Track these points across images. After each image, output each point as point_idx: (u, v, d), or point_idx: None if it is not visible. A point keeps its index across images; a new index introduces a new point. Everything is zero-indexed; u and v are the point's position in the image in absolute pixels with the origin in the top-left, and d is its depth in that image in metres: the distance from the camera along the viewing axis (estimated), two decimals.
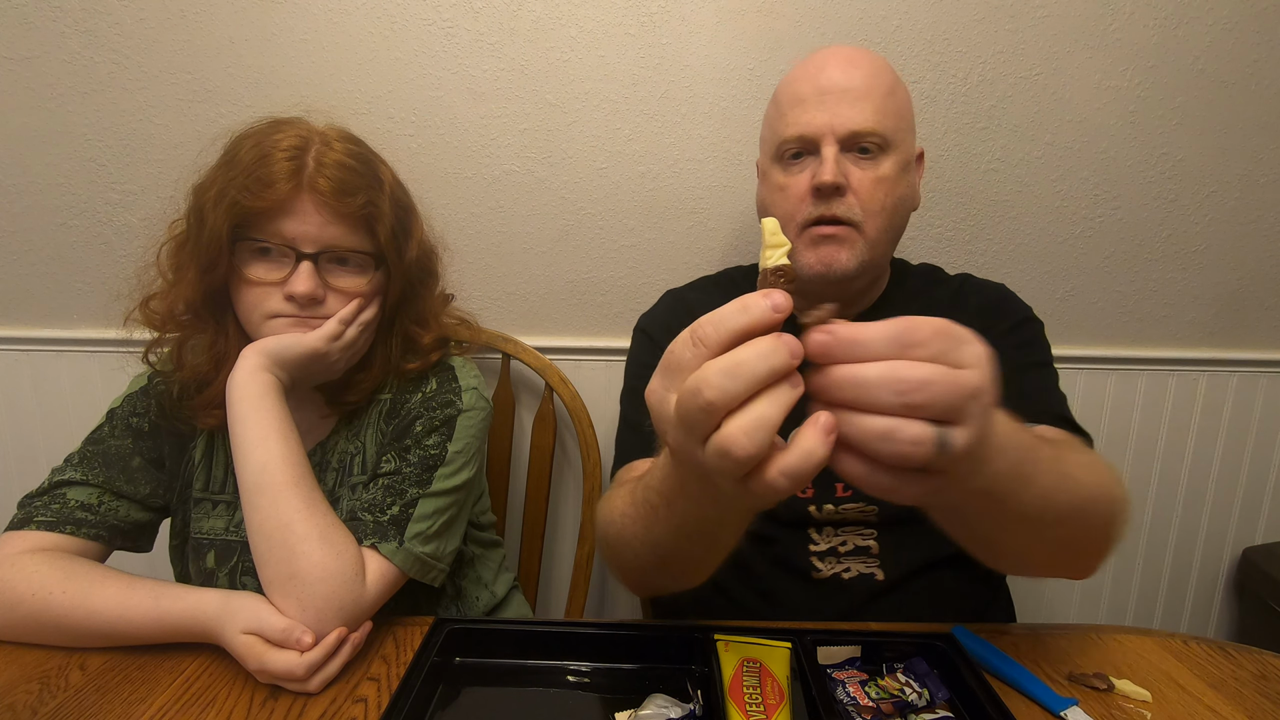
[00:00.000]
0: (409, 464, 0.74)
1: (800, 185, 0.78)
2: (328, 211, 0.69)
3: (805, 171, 0.78)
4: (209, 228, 0.68)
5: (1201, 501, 1.32)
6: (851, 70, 0.76)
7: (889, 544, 0.79)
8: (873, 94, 0.76)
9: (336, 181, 0.69)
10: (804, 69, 0.79)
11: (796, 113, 0.77)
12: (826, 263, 0.77)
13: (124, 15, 1.05)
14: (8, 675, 0.61)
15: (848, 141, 0.76)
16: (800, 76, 0.79)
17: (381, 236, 0.73)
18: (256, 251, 0.70)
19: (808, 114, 0.76)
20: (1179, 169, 1.16)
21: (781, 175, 0.80)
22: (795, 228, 0.78)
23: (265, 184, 0.67)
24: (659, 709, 0.55)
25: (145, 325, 0.75)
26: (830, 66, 0.77)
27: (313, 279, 0.70)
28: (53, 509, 0.71)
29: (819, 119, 0.76)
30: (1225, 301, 1.24)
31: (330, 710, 0.58)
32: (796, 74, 0.80)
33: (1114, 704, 0.60)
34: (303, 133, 0.71)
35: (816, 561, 0.79)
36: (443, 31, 1.07)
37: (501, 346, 1.12)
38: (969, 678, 0.59)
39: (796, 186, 0.78)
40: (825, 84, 0.76)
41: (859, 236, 0.77)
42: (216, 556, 0.76)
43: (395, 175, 0.78)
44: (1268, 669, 0.66)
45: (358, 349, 0.76)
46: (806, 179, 0.77)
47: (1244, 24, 1.10)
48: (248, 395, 0.67)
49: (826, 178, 0.74)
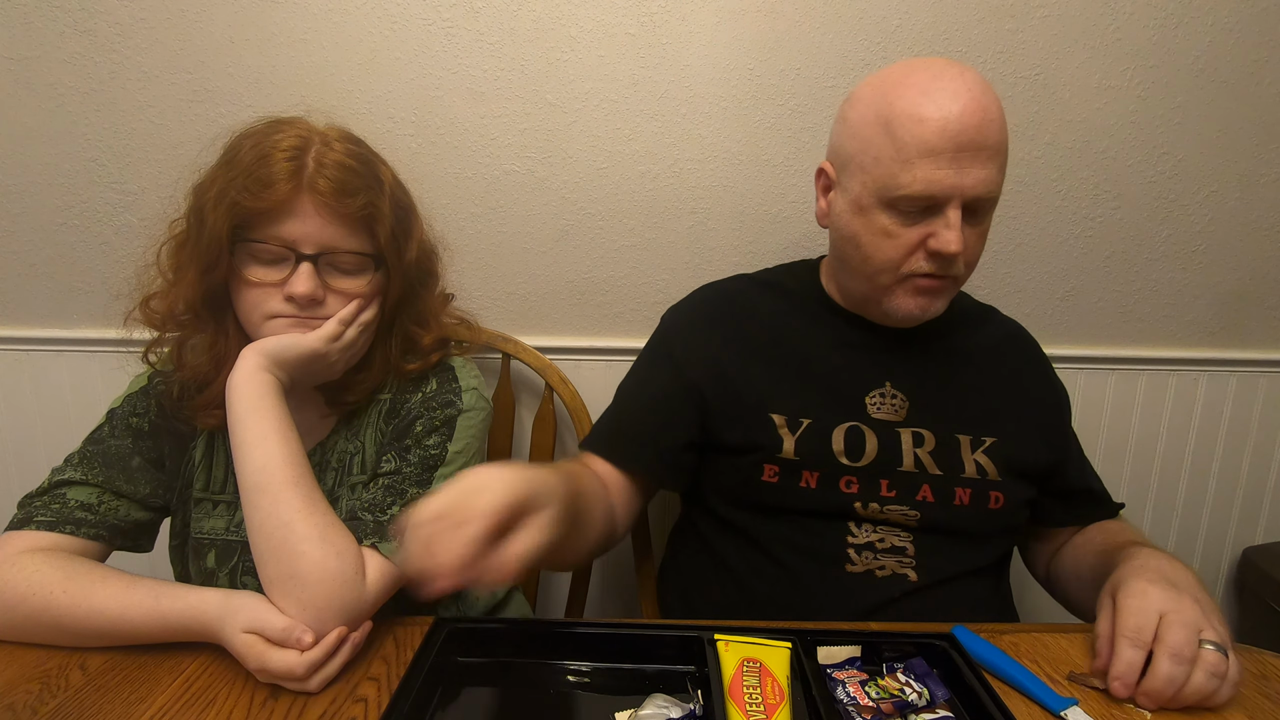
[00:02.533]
0: (409, 464, 0.74)
1: (913, 238, 0.74)
2: (327, 212, 0.69)
3: (921, 227, 0.73)
4: (209, 228, 0.68)
5: (1201, 501, 1.32)
6: (986, 123, 0.69)
7: (926, 548, 0.79)
8: (1002, 151, 0.72)
9: (336, 182, 0.69)
10: (932, 105, 0.70)
11: (927, 167, 0.70)
12: (924, 309, 0.77)
13: (124, 15, 1.05)
14: (8, 675, 0.61)
15: (971, 204, 0.72)
16: (931, 117, 0.69)
17: (381, 237, 0.73)
18: (256, 252, 0.70)
19: (940, 172, 0.70)
20: (1179, 169, 1.16)
21: (890, 221, 0.74)
22: (894, 274, 0.76)
23: (265, 185, 0.67)
24: (659, 709, 0.55)
25: (145, 325, 0.75)
26: (966, 114, 0.69)
27: (312, 280, 0.70)
28: (53, 509, 0.71)
29: (949, 180, 0.70)
30: (1225, 301, 1.24)
31: (330, 710, 0.58)
32: (923, 109, 0.70)
33: (1114, 704, 0.60)
34: (303, 133, 0.71)
35: (853, 554, 0.79)
36: (443, 31, 1.07)
37: (501, 346, 1.12)
38: (969, 678, 0.59)
39: (908, 237, 0.74)
40: (962, 139, 0.69)
41: (955, 288, 0.79)
42: (217, 556, 0.76)
43: (395, 175, 0.78)
44: (1268, 669, 0.66)
45: (357, 350, 0.76)
46: (921, 235, 0.73)
47: (1244, 24, 1.10)
48: (247, 395, 0.67)
49: (954, 249, 0.71)
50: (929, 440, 0.81)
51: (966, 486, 0.80)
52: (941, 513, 0.79)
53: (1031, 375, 0.90)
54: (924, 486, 0.79)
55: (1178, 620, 0.59)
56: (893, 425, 0.81)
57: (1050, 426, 0.87)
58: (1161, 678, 0.58)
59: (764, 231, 1.16)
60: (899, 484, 0.79)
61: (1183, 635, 0.59)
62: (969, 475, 0.80)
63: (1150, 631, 0.60)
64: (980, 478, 0.80)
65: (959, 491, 0.80)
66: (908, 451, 0.80)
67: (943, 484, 0.80)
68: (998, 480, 0.81)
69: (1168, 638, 0.59)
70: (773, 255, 1.17)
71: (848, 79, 1.09)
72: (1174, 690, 0.58)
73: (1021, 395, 0.86)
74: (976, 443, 0.82)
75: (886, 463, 0.80)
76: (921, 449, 0.80)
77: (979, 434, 0.82)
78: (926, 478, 0.80)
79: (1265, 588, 1.24)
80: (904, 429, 0.81)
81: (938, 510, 0.79)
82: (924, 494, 0.79)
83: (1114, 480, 1.28)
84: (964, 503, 0.80)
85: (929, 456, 0.80)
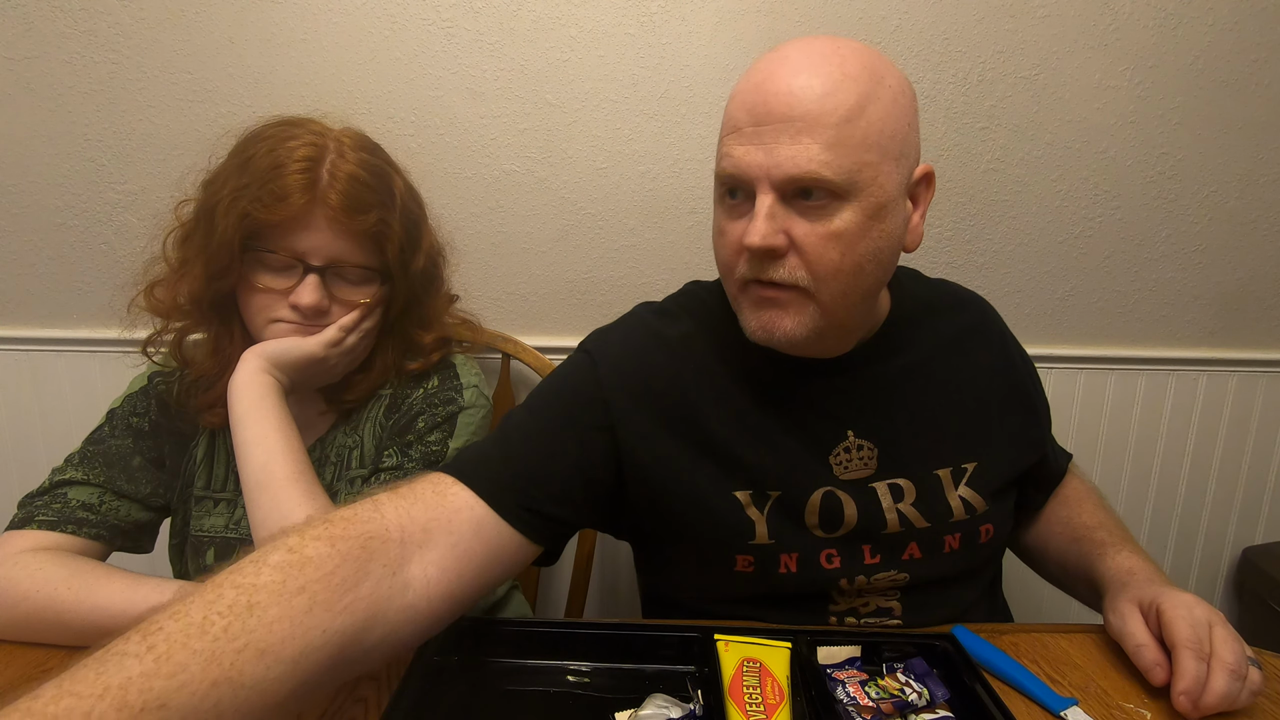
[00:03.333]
0: (411, 459, 0.74)
1: (737, 233, 0.61)
2: (338, 227, 0.70)
3: (744, 219, 0.61)
4: (219, 234, 0.68)
5: (1201, 501, 1.32)
6: (799, 90, 0.57)
7: (913, 604, 0.72)
8: (823, 123, 0.56)
9: (350, 197, 0.69)
10: (751, 76, 0.61)
11: (731, 143, 0.60)
12: (768, 329, 0.63)
13: (124, 15, 1.05)
14: (8, 675, 0.61)
15: (786, 187, 0.58)
16: (745, 88, 0.60)
17: (390, 253, 0.73)
18: (266, 260, 0.70)
19: (741, 147, 0.59)
20: (1179, 169, 1.16)
21: (722, 217, 0.64)
22: (735, 284, 0.64)
23: (279, 197, 0.67)
24: (659, 709, 0.55)
25: (148, 311, 0.75)
26: (772, 81, 0.58)
27: (318, 291, 0.70)
28: (54, 508, 0.71)
29: (752, 157, 0.58)
30: (1225, 301, 1.24)
31: (330, 710, 0.58)
32: (743, 82, 0.61)
33: (1114, 704, 0.60)
34: (317, 139, 0.71)
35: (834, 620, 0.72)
36: (443, 31, 1.07)
37: (502, 346, 1.12)
38: (969, 678, 0.59)
39: (733, 234, 0.62)
40: (766, 108, 0.58)
41: (808, 301, 0.62)
42: (216, 554, 0.76)
43: (408, 183, 0.78)
44: (1268, 669, 0.66)
45: (358, 354, 0.77)
46: (742, 228, 0.60)
47: (1244, 24, 1.10)
48: (248, 396, 0.68)
49: (755, 240, 0.58)
50: (909, 491, 0.70)
51: (955, 531, 0.71)
52: (931, 567, 0.71)
53: (997, 369, 0.78)
54: (911, 545, 0.70)
55: (1229, 633, 0.59)
56: (865, 483, 0.70)
57: (1028, 420, 0.78)
58: (1219, 693, 0.56)
59: None
60: (883, 548, 0.70)
61: (1239, 650, 0.58)
62: (957, 519, 0.71)
63: (1208, 644, 0.58)
64: (969, 516, 0.71)
65: (948, 540, 0.71)
66: (889, 509, 0.69)
67: (931, 535, 0.70)
68: (985, 511, 0.72)
69: (1224, 653, 0.57)
70: None
71: None
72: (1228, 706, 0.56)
73: (992, 399, 0.75)
74: (958, 474, 0.72)
75: (867, 529, 0.69)
76: (903, 503, 0.70)
77: (959, 463, 0.72)
78: (914, 534, 0.70)
79: (1265, 588, 1.24)
80: (878, 483, 0.70)
81: (926, 565, 0.71)
82: (910, 552, 0.70)
83: (1114, 480, 1.29)
84: (954, 548, 0.71)
85: (912, 509, 0.70)
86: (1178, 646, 0.58)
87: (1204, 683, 0.56)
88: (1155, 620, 0.62)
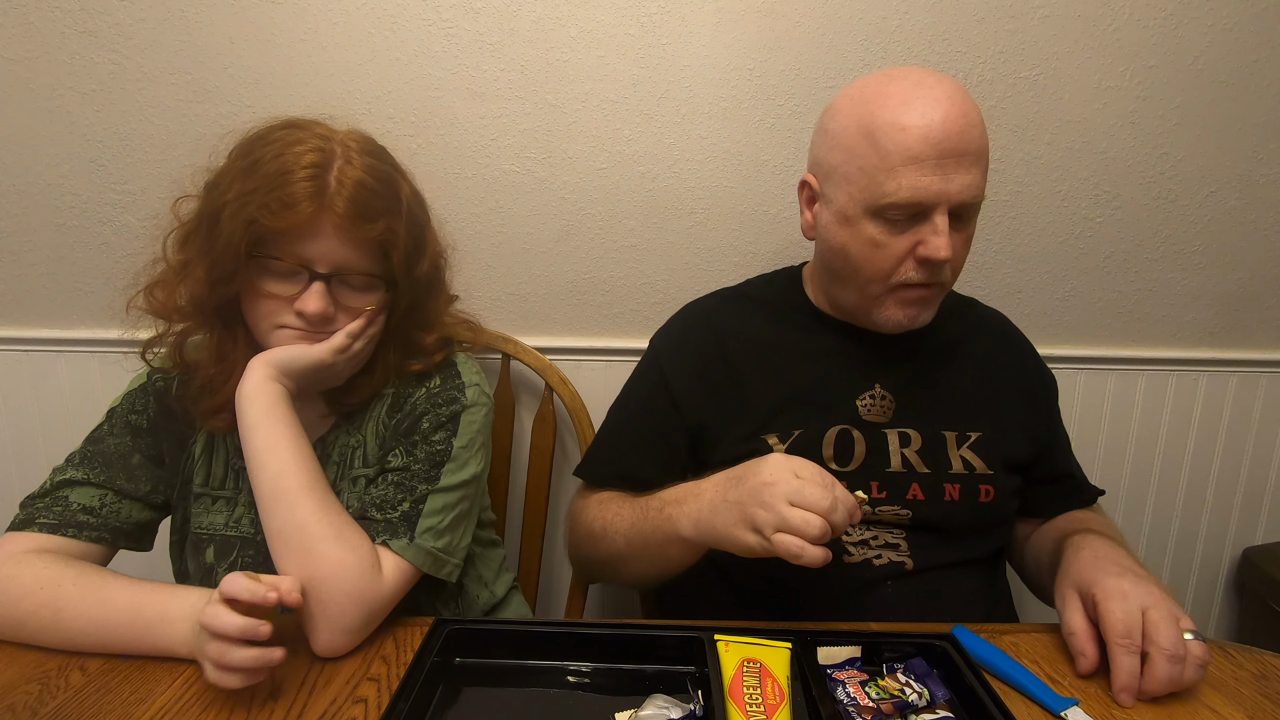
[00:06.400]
0: (417, 460, 0.74)
1: (901, 247, 0.74)
2: (344, 235, 0.70)
3: (909, 235, 0.73)
4: (224, 239, 0.68)
5: (1201, 501, 1.32)
6: (968, 128, 0.70)
7: (919, 543, 0.80)
8: (984, 156, 0.73)
9: (357, 205, 0.69)
10: (914, 113, 0.70)
11: (911, 175, 0.70)
12: (913, 319, 0.78)
13: (124, 15, 1.05)
14: (8, 675, 0.61)
15: (956, 210, 0.72)
16: (914, 125, 0.70)
17: (395, 260, 0.73)
18: (271, 267, 0.70)
19: (925, 179, 0.70)
20: (1179, 169, 1.16)
21: (878, 231, 0.74)
22: (885, 284, 0.76)
23: (286, 205, 0.66)
24: (659, 709, 0.55)
25: (148, 312, 0.75)
26: (948, 120, 0.70)
27: (324, 299, 0.70)
28: (55, 511, 0.71)
29: (935, 186, 0.70)
30: (1225, 301, 1.24)
31: (330, 710, 0.58)
32: (906, 117, 0.70)
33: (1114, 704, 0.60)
34: (323, 144, 0.70)
35: (850, 548, 0.80)
36: (443, 31, 1.07)
37: (502, 347, 1.12)
38: (969, 678, 0.59)
39: (897, 247, 0.74)
40: (945, 145, 0.69)
41: (940, 294, 0.79)
42: (216, 551, 0.76)
43: (414, 187, 0.78)
44: (1268, 669, 0.66)
45: (362, 358, 0.77)
46: (909, 243, 0.73)
47: (1244, 24, 1.10)
48: (258, 405, 0.68)
49: (943, 255, 0.71)
50: (915, 439, 0.82)
51: (955, 482, 0.81)
52: (932, 510, 0.80)
53: (1013, 366, 0.90)
54: (913, 485, 0.80)
55: (1162, 616, 0.60)
56: (879, 427, 0.82)
57: (1033, 417, 0.88)
58: (1161, 680, 0.58)
59: (763, 232, 1.16)
60: (888, 484, 0.80)
61: (1174, 632, 0.59)
62: (956, 471, 0.81)
63: (1140, 633, 0.60)
64: (968, 473, 0.81)
65: (948, 488, 0.81)
66: (894, 452, 0.81)
67: (932, 481, 0.81)
68: (987, 474, 0.82)
69: (1160, 638, 0.59)
70: (771, 255, 1.17)
71: (847, 80, 1.09)
72: (1174, 688, 0.59)
73: (1003, 388, 0.87)
74: (962, 438, 0.83)
75: (874, 465, 0.81)
76: (908, 449, 0.81)
77: (964, 430, 0.83)
78: (915, 476, 0.81)
79: (1265, 588, 1.24)
80: (890, 430, 0.82)
81: (928, 507, 0.80)
82: (914, 492, 0.80)
83: (1114, 480, 1.28)
84: (954, 498, 0.81)
85: (916, 455, 0.81)
86: (1109, 642, 0.61)
87: (1138, 675, 0.59)
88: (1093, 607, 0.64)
